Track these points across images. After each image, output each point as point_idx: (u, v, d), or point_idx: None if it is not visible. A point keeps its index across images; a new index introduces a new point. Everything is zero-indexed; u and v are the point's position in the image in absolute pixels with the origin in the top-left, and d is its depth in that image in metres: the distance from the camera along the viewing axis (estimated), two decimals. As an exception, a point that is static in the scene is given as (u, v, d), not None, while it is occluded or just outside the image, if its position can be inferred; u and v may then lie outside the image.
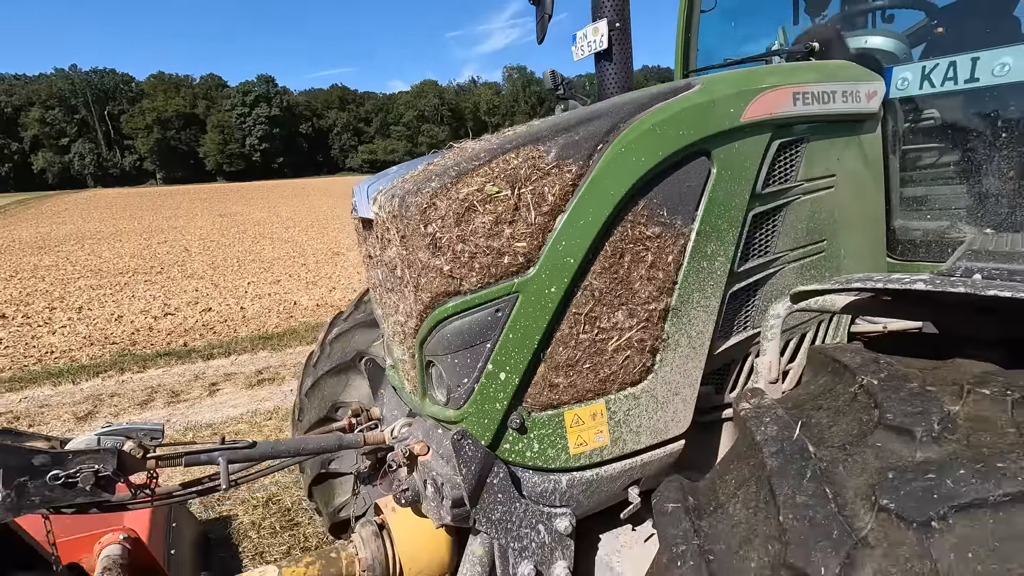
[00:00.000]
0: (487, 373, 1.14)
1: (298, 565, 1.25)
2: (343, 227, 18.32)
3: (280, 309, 8.50)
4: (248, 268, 11.64)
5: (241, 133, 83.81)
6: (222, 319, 8.00)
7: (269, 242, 15.47)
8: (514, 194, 1.12)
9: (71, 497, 1.00)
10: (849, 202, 1.67)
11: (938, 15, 2.21)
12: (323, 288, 9.68)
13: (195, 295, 9.32)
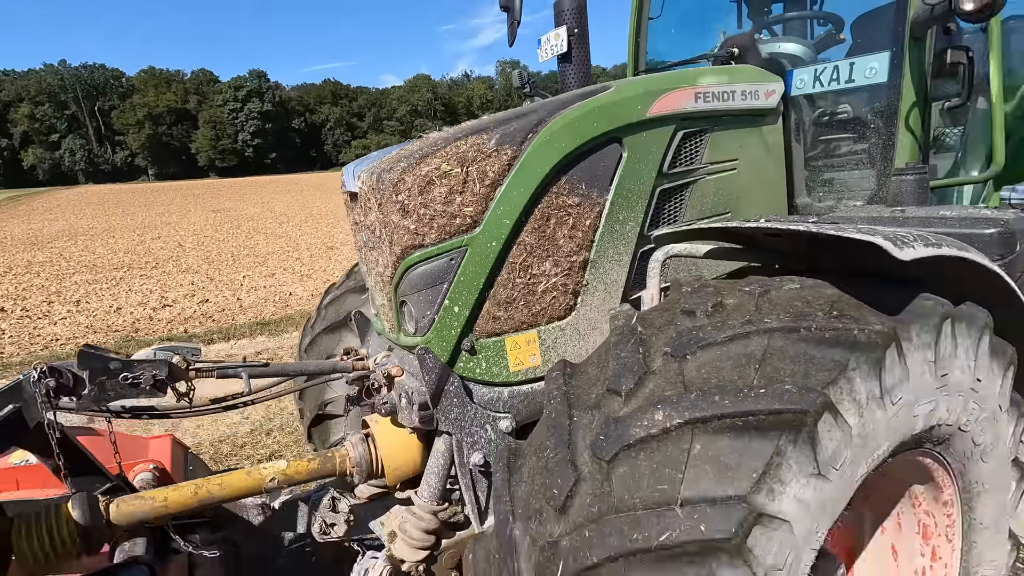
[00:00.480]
0: (444, 307, 1.51)
1: (302, 460, 1.62)
2: (336, 222, 18.51)
3: (276, 299, 8.78)
4: (243, 262, 11.84)
5: (233, 129, 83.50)
6: (219, 309, 8.27)
7: (263, 237, 15.63)
8: (463, 171, 1.48)
9: (134, 395, 1.36)
10: (751, 181, 2.03)
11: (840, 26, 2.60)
12: (318, 280, 9.88)
13: (191, 288, 9.55)
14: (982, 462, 1.19)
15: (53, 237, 16.88)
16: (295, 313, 7.80)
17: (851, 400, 0.85)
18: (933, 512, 1.28)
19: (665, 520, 0.77)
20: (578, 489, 0.89)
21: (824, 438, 0.82)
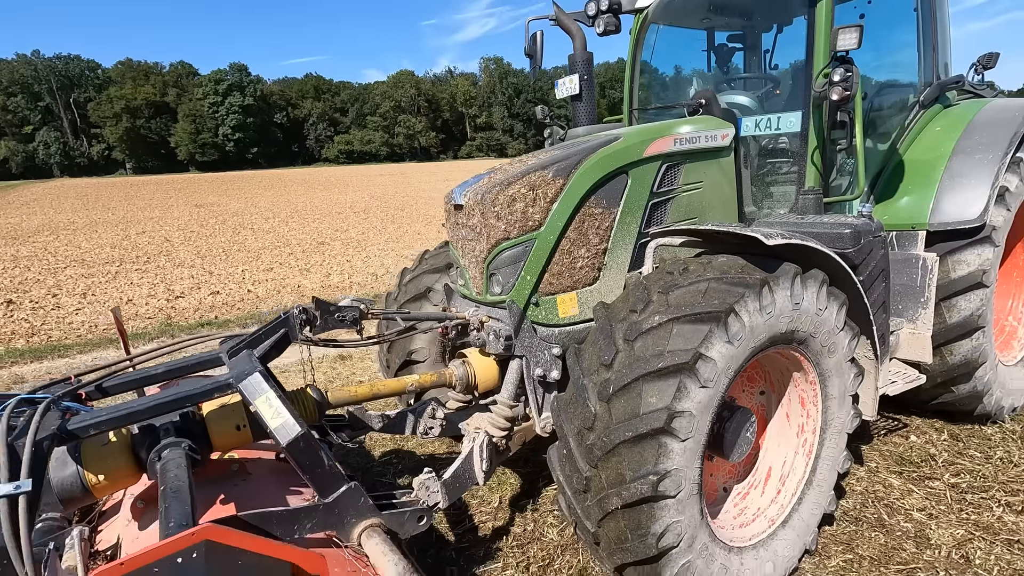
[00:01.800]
0: (520, 276, 2.45)
1: (426, 375, 2.56)
2: (323, 218, 19.18)
3: (288, 290, 9.25)
4: (236, 257, 12.16)
5: (214, 122, 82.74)
6: (237, 299, 8.79)
7: (251, 232, 15.99)
8: (533, 193, 2.43)
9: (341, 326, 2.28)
10: (712, 197, 3.01)
11: (776, 84, 3.60)
12: (318, 274, 10.37)
13: (193, 281, 9.87)
14: (829, 357, 2.18)
15: (34, 231, 16.92)
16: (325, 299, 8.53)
17: (745, 310, 1.82)
18: (805, 388, 2.27)
19: (659, 360, 1.74)
20: (616, 356, 1.85)
21: (732, 326, 1.79)
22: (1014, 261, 3.76)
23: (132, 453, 1.85)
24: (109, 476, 1.80)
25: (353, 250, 12.67)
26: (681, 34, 4.37)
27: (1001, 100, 3.42)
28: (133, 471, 1.85)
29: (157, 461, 1.78)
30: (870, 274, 2.51)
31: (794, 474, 2.31)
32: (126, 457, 1.84)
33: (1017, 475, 2.82)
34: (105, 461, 1.79)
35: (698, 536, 1.86)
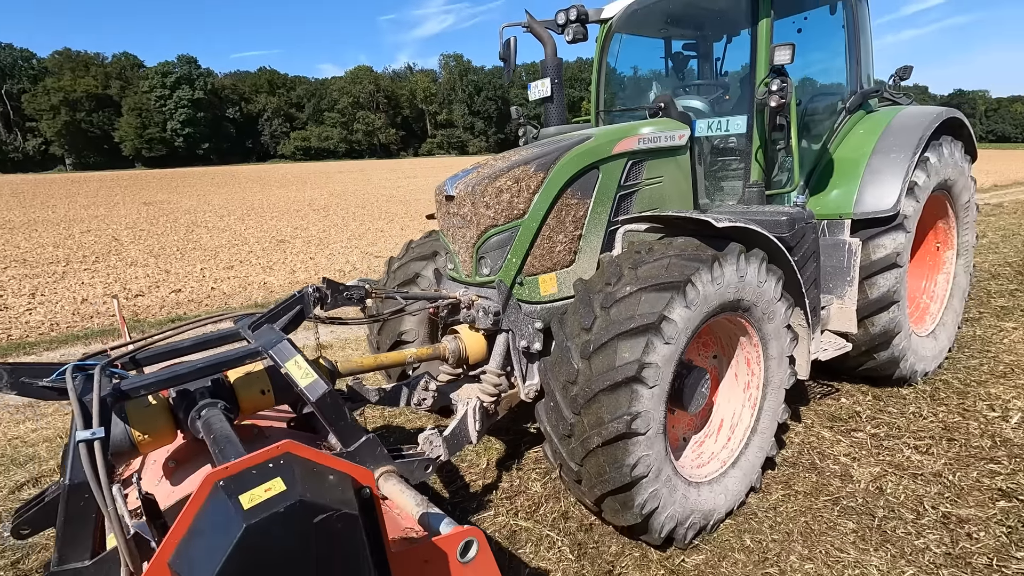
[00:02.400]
0: (507, 259, 2.77)
1: (423, 348, 2.85)
2: (281, 216, 18.83)
3: (254, 287, 9.13)
4: (192, 256, 11.80)
5: (161, 117, 79.37)
6: (203, 296, 8.62)
7: (205, 231, 15.54)
8: (518, 186, 2.76)
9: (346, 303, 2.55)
10: (671, 190, 3.40)
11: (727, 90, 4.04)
12: (283, 271, 10.23)
13: (150, 280, 9.55)
14: (769, 323, 2.60)
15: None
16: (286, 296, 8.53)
17: (700, 280, 2.20)
18: (750, 351, 2.69)
19: (631, 324, 2.10)
20: (595, 321, 2.20)
21: (689, 293, 2.17)
22: (927, 247, 4.34)
23: (171, 414, 2.08)
24: (152, 434, 2.02)
25: (315, 248, 12.56)
26: (642, 42, 4.78)
27: (913, 108, 3.96)
28: (172, 430, 2.08)
29: (197, 419, 2.02)
30: (803, 255, 2.96)
31: (741, 424, 2.73)
32: (166, 417, 2.07)
33: (924, 425, 3.34)
34: (148, 421, 2.02)
35: (664, 469, 2.23)
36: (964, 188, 4.05)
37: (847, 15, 3.76)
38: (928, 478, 2.81)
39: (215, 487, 1.25)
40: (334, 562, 1.31)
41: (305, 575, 1.27)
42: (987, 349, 4.48)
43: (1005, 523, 2.44)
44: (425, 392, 3.01)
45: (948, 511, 2.55)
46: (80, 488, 1.60)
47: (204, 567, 1.16)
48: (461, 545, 1.73)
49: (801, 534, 2.48)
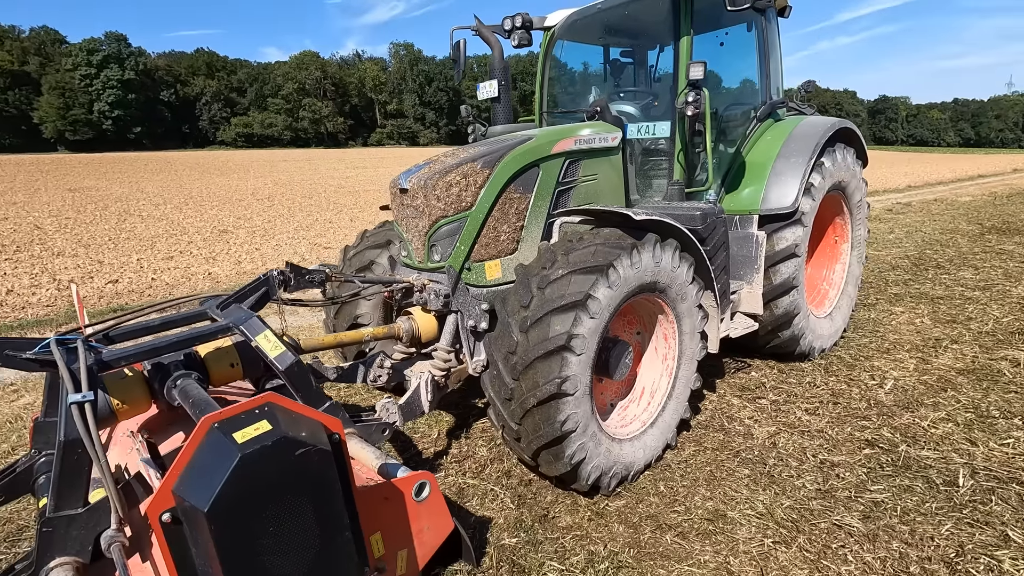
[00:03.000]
0: (456, 247, 3.08)
1: (380, 327, 3.12)
2: (222, 205, 18.24)
3: (200, 277, 8.96)
4: (126, 246, 11.30)
5: (87, 97, 74.17)
6: (143, 287, 8.40)
7: (139, 220, 14.88)
8: (466, 180, 3.06)
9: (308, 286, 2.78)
10: (605, 187, 3.79)
11: (656, 97, 4.48)
12: (227, 262, 9.99)
13: (81, 271, 9.15)
14: (682, 303, 3.03)
15: None
16: (235, 286, 8.44)
17: (620, 265, 2.59)
18: (667, 327, 3.11)
19: (561, 301, 2.46)
20: (532, 300, 2.55)
21: (610, 275, 2.55)
22: (827, 241, 4.95)
23: (147, 385, 2.28)
24: (129, 402, 2.22)
25: (260, 238, 12.27)
26: (583, 49, 5.16)
27: (813, 118, 4.52)
28: (147, 400, 2.28)
29: (174, 388, 2.23)
30: (714, 245, 3.41)
31: (660, 390, 3.15)
32: (142, 388, 2.27)
33: (815, 392, 3.90)
34: (126, 391, 2.22)
35: (590, 426, 2.62)
36: (856, 189, 4.66)
37: (758, 34, 4.26)
38: (813, 434, 3.34)
39: (212, 428, 1.52)
40: (311, 489, 1.60)
41: (287, 498, 1.55)
42: (877, 330, 5.15)
43: (867, 465, 2.97)
44: (380, 369, 3.28)
45: (824, 458, 3.06)
46: (74, 444, 1.81)
47: (206, 491, 1.43)
48: (415, 486, 2.06)
49: (706, 480, 2.93)
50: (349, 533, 1.72)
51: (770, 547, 2.40)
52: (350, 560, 1.74)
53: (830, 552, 2.35)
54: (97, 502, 1.89)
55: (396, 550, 2.04)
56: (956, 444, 3.12)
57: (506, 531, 2.58)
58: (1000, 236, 9.99)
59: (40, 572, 1.82)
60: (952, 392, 3.77)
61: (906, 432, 3.28)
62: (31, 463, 2.33)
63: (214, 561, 1.48)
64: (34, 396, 4.42)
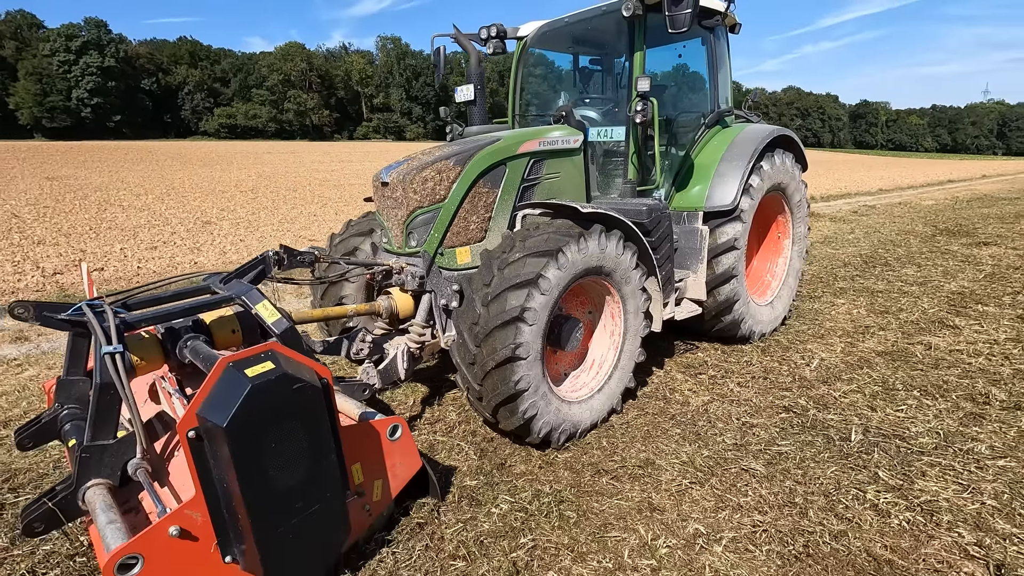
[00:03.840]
0: (431, 234, 3.51)
1: (362, 304, 3.53)
2: (205, 196, 18.28)
3: (186, 265, 9.07)
4: (108, 235, 11.25)
5: (65, 84, 72.73)
6: (131, 274, 8.55)
7: (120, 210, 14.87)
8: (439, 175, 3.49)
9: (299, 265, 3.18)
10: (567, 184, 4.24)
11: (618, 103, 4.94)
12: (212, 252, 10.07)
13: (64, 259, 9.18)
14: (626, 285, 3.50)
15: None
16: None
17: (569, 250, 3.04)
18: (613, 307, 3.58)
19: (516, 280, 2.90)
20: (492, 279, 2.98)
21: (560, 259, 2.99)
22: (771, 236, 5.47)
23: (161, 346, 2.67)
24: (146, 360, 2.61)
25: (244, 230, 12.38)
26: (553, 56, 5.61)
27: (756, 126, 5.02)
28: (161, 358, 2.67)
29: (185, 348, 2.63)
30: (658, 237, 3.89)
31: (607, 362, 3.62)
32: (157, 348, 2.66)
33: (750, 369, 4.41)
34: (144, 350, 2.61)
35: (540, 387, 3.07)
36: (796, 190, 5.18)
37: (708, 49, 4.74)
38: (740, 402, 3.84)
39: (228, 366, 1.94)
40: (305, 416, 2.03)
41: (287, 422, 1.98)
42: (816, 319, 5.69)
43: (780, 426, 3.47)
44: (362, 344, 3.70)
45: (746, 421, 3.56)
46: (107, 387, 2.21)
47: (224, 412, 1.85)
48: (390, 427, 2.49)
49: (642, 437, 3.40)
50: (334, 456, 2.15)
51: (687, 486, 2.87)
52: (334, 479, 2.17)
53: (735, 489, 2.83)
54: (124, 436, 2.29)
55: (373, 479, 2.47)
56: (858, 410, 3.64)
57: (468, 476, 3.02)
58: (949, 238, 10.68)
59: (79, 490, 2.22)
60: (867, 370, 4.30)
61: (819, 401, 3.80)
62: (55, 415, 2.72)
63: (229, 469, 1.90)
64: (37, 369, 4.75)
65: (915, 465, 2.97)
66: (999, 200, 18.53)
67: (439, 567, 2.35)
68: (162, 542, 1.90)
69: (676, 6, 3.51)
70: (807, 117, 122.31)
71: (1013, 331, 5.04)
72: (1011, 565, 2.23)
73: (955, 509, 2.59)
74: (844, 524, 2.52)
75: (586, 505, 2.75)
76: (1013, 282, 6.92)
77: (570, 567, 2.33)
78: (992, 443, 3.15)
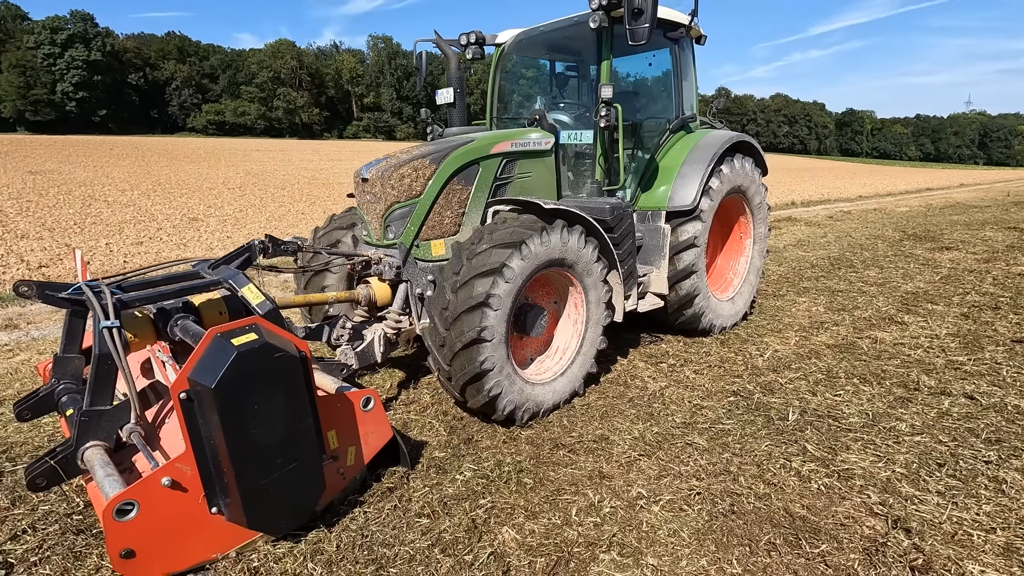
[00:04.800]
0: (407, 227, 3.77)
1: (342, 292, 3.78)
2: (192, 193, 18.30)
3: (173, 260, 9.28)
4: (93, 230, 11.22)
5: (50, 77, 71.79)
6: (116, 268, 8.57)
7: (105, 205, 14.84)
8: (416, 172, 3.76)
9: (283, 254, 3.42)
10: (538, 183, 4.52)
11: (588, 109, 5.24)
12: (199, 248, 10.06)
13: (49, 253, 9.22)
14: (588, 277, 3.78)
15: None
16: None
17: (532, 242, 3.31)
18: (576, 297, 3.87)
19: (483, 268, 3.17)
20: (461, 267, 3.25)
21: (523, 250, 3.27)
22: (734, 236, 5.80)
23: (153, 325, 2.91)
24: (140, 336, 2.85)
25: (231, 227, 12.40)
26: (530, 62, 5.90)
27: (718, 131, 5.34)
28: (153, 336, 2.91)
29: (176, 326, 2.87)
30: (621, 233, 4.18)
31: (570, 348, 3.91)
32: (149, 327, 2.89)
33: (708, 360, 4.72)
34: (137, 327, 2.84)
35: (505, 367, 3.34)
36: (756, 192, 5.51)
37: (673, 59, 5.05)
38: (694, 387, 4.14)
39: (216, 336, 2.19)
40: (285, 382, 2.29)
41: (268, 387, 2.24)
42: (777, 315, 6.03)
43: (727, 408, 3.78)
44: (343, 330, 3.94)
45: (697, 403, 3.86)
46: (105, 357, 2.45)
47: (212, 375, 2.10)
48: (363, 399, 2.75)
49: (600, 417, 3.69)
50: (311, 420, 2.41)
51: (635, 458, 3.16)
52: (311, 442, 2.43)
53: (678, 460, 3.13)
54: (120, 403, 2.53)
55: (347, 446, 2.73)
56: (800, 394, 3.96)
57: (437, 449, 3.29)
58: (915, 242, 11.13)
59: (78, 451, 2.45)
60: (815, 360, 4.63)
61: (766, 386, 4.11)
62: (52, 389, 2.94)
63: (217, 427, 2.15)
64: (28, 354, 4.94)
65: (841, 440, 3.28)
66: (970, 208, 19.15)
67: (405, 523, 2.61)
68: (155, 491, 2.15)
69: (636, 20, 3.81)
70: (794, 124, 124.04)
71: (954, 327, 5.41)
72: (906, 519, 2.54)
73: (868, 476, 2.91)
74: (769, 488, 2.82)
75: (543, 474, 3.02)
76: (965, 284, 7.33)
77: (523, 523, 2.60)
78: (913, 422, 3.48)
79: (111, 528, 2.05)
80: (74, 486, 2.88)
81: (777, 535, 2.48)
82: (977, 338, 5.06)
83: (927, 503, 2.68)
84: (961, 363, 4.45)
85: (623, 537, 2.50)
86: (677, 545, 2.45)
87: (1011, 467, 2.96)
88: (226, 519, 2.31)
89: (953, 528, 2.50)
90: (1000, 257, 9.17)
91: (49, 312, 6.17)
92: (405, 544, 2.47)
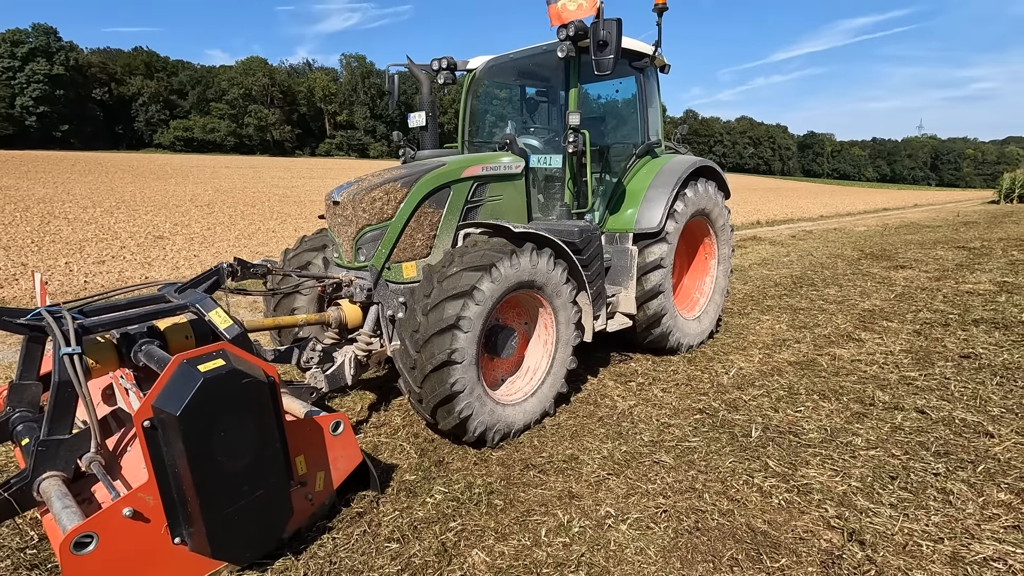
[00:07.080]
0: (378, 250, 3.80)
1: (312, 315, 3.77)
2: (158, 211, 17.86)
3: (135, 281, 8.89)
4: (52, 249, 10.91)
5: (9, 91, 69.70)
6: (78, 288, 8.35)
7: (65, 222, 14.36)
8: (387, 195, 3.80)
9: (252, 277, 3.40)
10: (509, 206, 4.61)
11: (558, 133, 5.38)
12: (164, 267, 9.81)
13: (3, 273, 8.94)
14: (557, 299, 3.86)
15: None
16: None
17: (502, 265, 3.38)
18: (546, 318, 3.94)
19: (453, 291, 3.22)
20: (432, 290, 3.29)
21: (494, 273, 3.33)
22: (700, 257, 5.98)
23: (116, 350, 2.85)
24: (102, 362, 2.79)
25: (199, 245, 12.15)
26: (500, 87, 6.03)
27: (682, 156, 5.54)
28: (116, 362, 2.86)
29: (140, 351, 2.82)
30: (589, 255, 4.29)
31: (540, 368, 3.96)
32: (111, 352, 2.84)
33: (675, 378, 4.83)
34: (99, 353, 2.79)
35: (475, 389, 3.37)
36: (719, 215, 5.71)
37: (638, 87, 5.24)
38: (662, 406, 4.24)
39: (181, 363, 2.17)
40: (252, 409, 2.28)
41: (235, 414, 2.22)
42: (742, 333, 6.21)
43: (693, 426, 3.87)
44: (312, 352, 3.92)
45: (665, 421, 3.95)
46: (65, 384, 2.40)
47: (178, 402, 2.09)
48: (332, 423, 2.75)
49: (571, 436, 3.74)
50: (279, 446, 2.40)
51: (604, 477, 3.22)
52: (279, 468, 2.42)
53: (646, 478, 3.19)
54: (80, 431, 2.48)
55: (316, 471, 2.71)
56: (763, 411, 4.08)
57: (408, 472, 3.28)
58: (872, 261, 11.60)
59: (34, 482, 2.38)
60: (777, 377, 4.79)
61: (731, 404, 4.23)
62: (7, 417, 2.85)
63: (181, 455, 2.12)
64: (-19, 380, 4.74)
65: (801, 455, 3.40)
66: (923, 228, 20.06)
67: (375, 549, 2.59)
68: (116, 523, 2.10)
69: (601, 51, 3.96)
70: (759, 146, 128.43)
71: (907, 344, 5.66)
72: (860, 531, 2.65)
73: (826, 490, 3.02)
74: (732, 504, 2.90)
75: (513, 495, 3.05)
76: (918, 301, 7.67)
77: (493, 545, 2.62)
78: (868, 437, 3.63)
79: (69, 562, 1.99)
80: (28, 519, 2.77)
81: (740, 550, 2.56)
82: (928, 354, 5.31)
83: (880, 515, 2.79)
84: (913, 378, 4.66)
85: (591, 556, 2.53)
86: (644, 563, 2.49)
87: (958, 478, 3.11)
88: (190, 549, 2.27)
89: (904, 539, 2.61)
90: (950, 275, 9.63)
91: (2, 336, 5.94)
92: (374, 570, 2.45)
